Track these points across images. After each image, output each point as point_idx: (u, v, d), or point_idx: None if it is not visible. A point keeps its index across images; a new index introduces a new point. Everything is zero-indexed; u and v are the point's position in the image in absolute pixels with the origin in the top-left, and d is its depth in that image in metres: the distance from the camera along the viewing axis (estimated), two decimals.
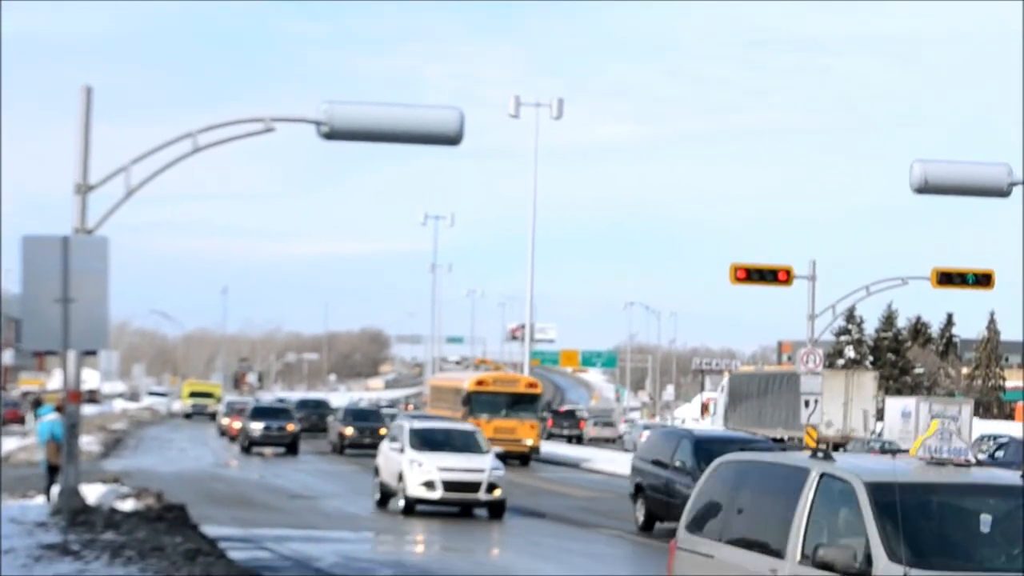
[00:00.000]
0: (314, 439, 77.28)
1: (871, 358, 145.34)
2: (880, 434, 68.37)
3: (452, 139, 25.89)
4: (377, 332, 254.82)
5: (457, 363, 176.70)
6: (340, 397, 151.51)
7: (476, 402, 62.57)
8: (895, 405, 75.33)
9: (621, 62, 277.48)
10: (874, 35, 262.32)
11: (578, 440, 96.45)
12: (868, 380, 69.08)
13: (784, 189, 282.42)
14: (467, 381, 65.32)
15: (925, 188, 30.15)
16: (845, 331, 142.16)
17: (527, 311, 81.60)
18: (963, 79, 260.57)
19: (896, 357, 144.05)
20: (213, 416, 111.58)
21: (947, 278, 51.61)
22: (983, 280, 51.61)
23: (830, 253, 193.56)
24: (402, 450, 35.28)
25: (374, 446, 65.04)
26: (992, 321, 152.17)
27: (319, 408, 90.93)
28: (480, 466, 34.74)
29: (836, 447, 62.18)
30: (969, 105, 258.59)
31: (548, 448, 72.46)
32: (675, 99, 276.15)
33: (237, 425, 74.96)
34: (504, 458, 47.29)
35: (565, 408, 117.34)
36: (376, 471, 37.68)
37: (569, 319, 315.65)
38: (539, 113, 76.72)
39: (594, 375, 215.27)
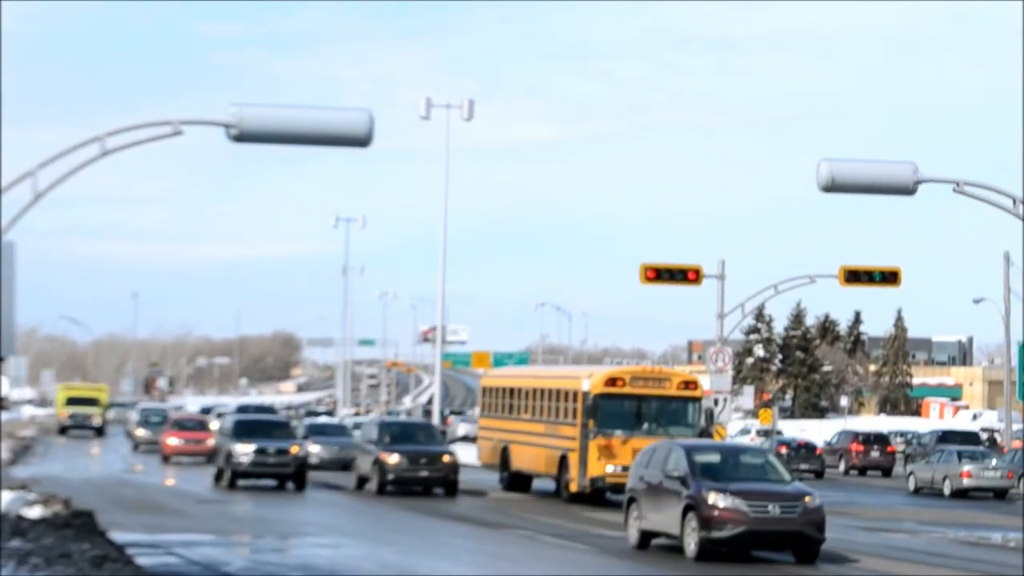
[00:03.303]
0: None
1: (780, 356, 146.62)
2: None
3: (362, 141, 25.87)
4: (289, 336, 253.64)
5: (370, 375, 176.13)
6: (253, 400, 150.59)
7: (606, 412, 42.00)
8: None
9: (536, 63, 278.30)
10: (786, 34, 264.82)
11: None
12: None
13: (695, 188, 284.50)
14: (588, 379, 43.11)
15: (832, 187, 30.40)
16: (754, 330, 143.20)
17: (439, 313, 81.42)
18: (872, 77, 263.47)
19: (805, 355, 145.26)
20: (97, 431, 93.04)
21: (854, 276, 52.27)
22: (890, 278, 52.33)
23: (740, 252, 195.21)
24: None
25: (433, 483, 45.12)
26: (899, 318, 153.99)
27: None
28: None
29: None
30: (879, 102, 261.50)
31: None
32: (588, 99, 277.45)
33: (174, 442, 61.61)
34: None
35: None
36: None
37: (482, 320, 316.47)
38: (450, 115, 76.61)
39: None
